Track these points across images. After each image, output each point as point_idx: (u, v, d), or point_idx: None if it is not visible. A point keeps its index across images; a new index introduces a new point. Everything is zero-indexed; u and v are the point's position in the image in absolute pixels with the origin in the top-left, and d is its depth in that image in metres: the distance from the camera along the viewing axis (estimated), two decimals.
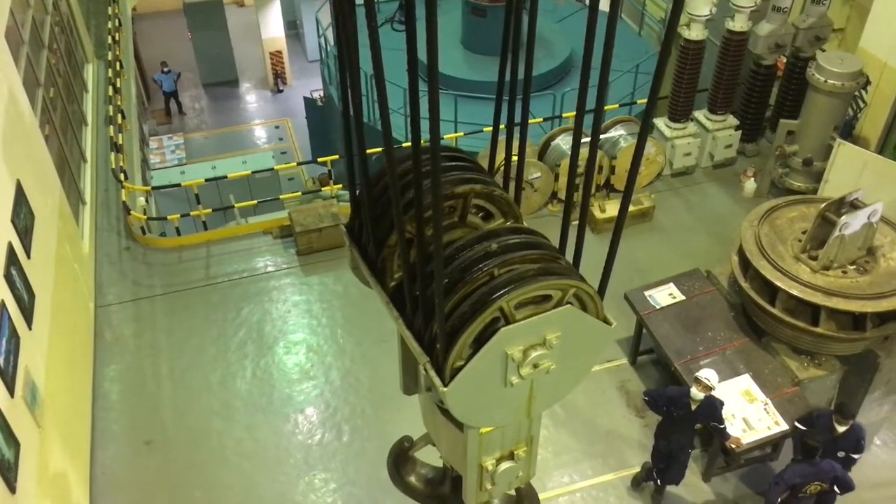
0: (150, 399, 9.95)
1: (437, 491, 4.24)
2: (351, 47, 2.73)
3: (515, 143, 3.63)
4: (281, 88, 24.31)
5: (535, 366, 3.03)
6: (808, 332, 8.41)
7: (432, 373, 3.00)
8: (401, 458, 4.27)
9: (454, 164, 3.32)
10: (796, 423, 8.15)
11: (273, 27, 23.90)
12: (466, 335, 2.88)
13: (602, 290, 3.30)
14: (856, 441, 7.75)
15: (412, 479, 4.26)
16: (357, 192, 3.34)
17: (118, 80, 15.08)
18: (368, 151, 3.12)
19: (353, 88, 2.89)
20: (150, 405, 9.87)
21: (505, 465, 3.61)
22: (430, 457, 4.24)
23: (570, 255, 3.35)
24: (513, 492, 4.07)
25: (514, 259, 2.97)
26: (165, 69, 22.01)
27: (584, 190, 3.30)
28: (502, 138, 3.71)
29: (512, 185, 3.70)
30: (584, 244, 3.33)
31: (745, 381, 8.66)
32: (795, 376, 8.68)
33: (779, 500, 7.55)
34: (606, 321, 3.22)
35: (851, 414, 7.76)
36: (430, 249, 2.84)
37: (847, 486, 7.49)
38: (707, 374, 7.77)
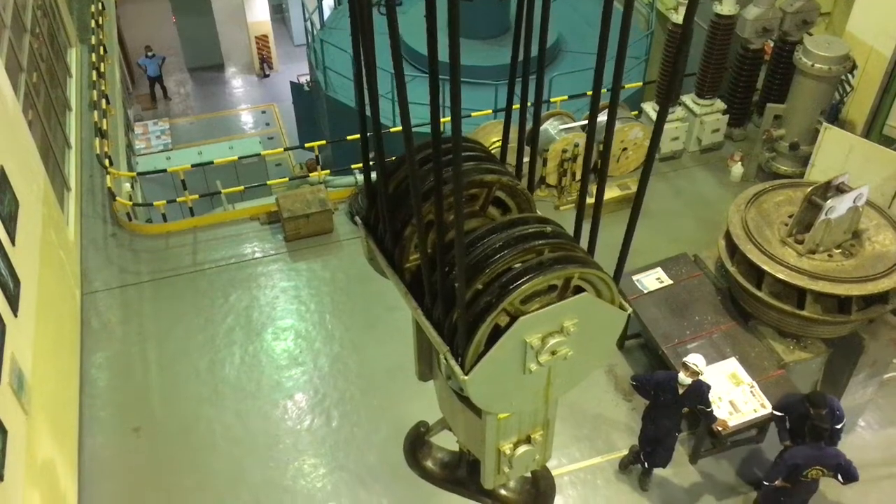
0: (138, 386, 9.92)
1: (454, 474, 4.34)
2: (367, 36, 2.72)
3: (522, 124, 3.65)
4: (267, 73, 24.14)
5: (553, 353, 3.08)
6: (794, 316, 8.47)
7: (453, 362, 3.03)
8: (417, 443, 4.33)
9: (475, 153, 3.34)
10: (773, 412, 8.20)
11: (258, 11, 23.69)
12: (487, 324, 2.91)
13: (617, 277, 3.36)
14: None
15: (429, 463, 4.35)
16: (374, 181, 3.34)
17: (102, 64, 14.91)
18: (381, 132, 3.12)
19: (370, 84, 2.88)
20: (138, 392, 9.84)
21: (522, 448, 3.68)
22: (446, 441, 4.29)
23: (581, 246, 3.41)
24: (529, 473, 4.14)
25: (532, 248, 3.00)
26: (150, 53, 21.79)
27: (600, 180, 3.36)
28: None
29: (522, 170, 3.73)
30: (598, 232, 3.38)
31: (732, 365, 8.73)
32: (781, 359, 8.76)
33: (777, 480, 7.58)
34: (622, 307, 3.28)
35: (825, 401, 7.77)
36: (451, 237, 2.85)
37: (851, 476, 7.38)
38: (695, 360, 7.82)
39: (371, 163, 3.28)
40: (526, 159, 3.78)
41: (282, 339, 10.55)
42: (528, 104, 3.50)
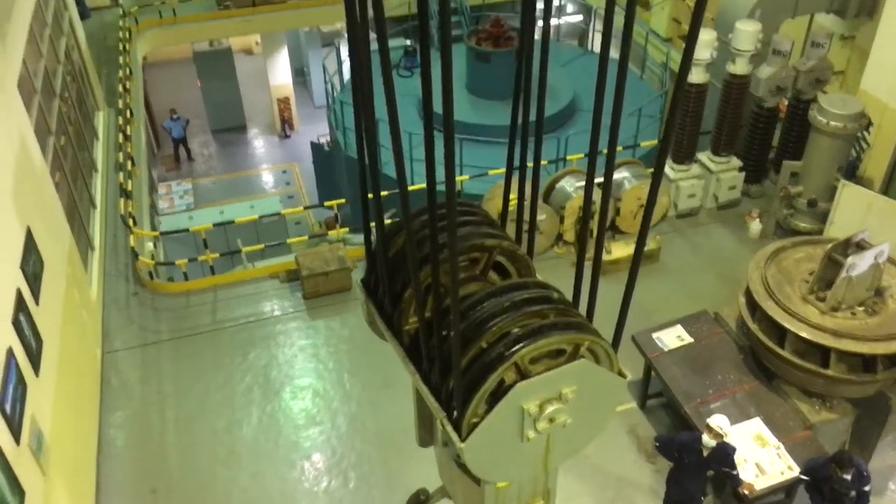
0: (156, 446, 9.88)
1: None
2: (369, 114, 2.78)
3: (523, 187, 3.67)
4: (288, 134, 24.62)
5: (552, 420, 3.04)
6: (819, 375, 8.33)
7: (449, 428, 3.00)
8: None
9: (472, 217, 3.37)
10: (800, 475, 8.01)
11: (281, 74, 24.31)
12: (483, 390, 2.88)
13: (616, 342, 3.31)
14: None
15: None
16: (373, 246, 3.37)
17: (128, 127, 15.29)
18: (382, 194, 3.16)
19: (371, 159, 2.94)
20: (155, 452, 9.80)
21: None
22: None
23: (583, 301, 3.36)
24: None
25: (529, 314, 2.99)
26: (175, 116, 22.34)
27: (598, 239, 3.35)
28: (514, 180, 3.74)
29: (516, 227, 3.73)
30: (597, 293, 3.35)
31: (757, 425, 8.56)
32: (807, 420, 8.58)
33: None
34: (621, 374, 3.23)
35: (851, 462, 7.59)
36: (447, 303, 2.86)
37: None
38: (719, 421, 7.69)
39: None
40: (541, 216, 3.80)
41: (299, 399, 10.50)
42: (545, 163, 3.54)
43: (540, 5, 3.26)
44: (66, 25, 15.08)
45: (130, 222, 12.73)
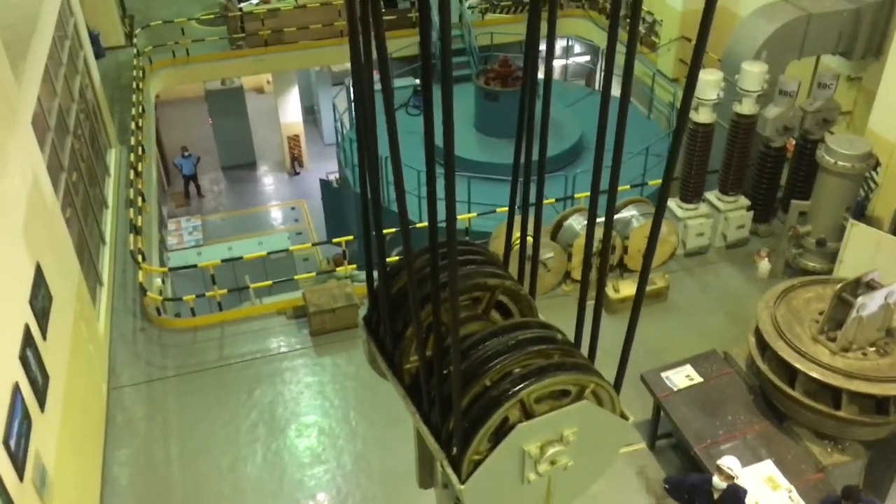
0: (160, 484, 9.78)
1: None
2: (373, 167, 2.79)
3: (530, 225, 3.68)
4: (298, 171, 24.83)
5: (553, 462, 2.99)
6: (831, 416, 8.22)
7: (449, 469, 2.96)
8: None
9: (474, 256, 3.36)
10: None
11: (291, 112, 24.61)
12: (483, 432, 2.85)
13: (618, 384, 3.27)
14: None
15: None
16: (375, 285, 3.37)
17: (140, 164, 15.45)
18: (385, 231, 3.17)
19: (374, 193, 2.95)
20: (159, 490, 9.70)
21: None
22: None
23: (585, 335, 3.33)
24: None
25: (531, 353, 2.97)
26: (186, 153, 22.59)
27: (600, 278, 3.33)
28: (517, 218, 3.75)
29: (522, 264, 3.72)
30: (599, 332, 3.33)
31: (768, 467, 8.43)
32: (819, 462, 8.45)
33: None
34: (623, 416, 3.19)
35: (860, 497, 7.47)
36: (447, 343, 2.84)
37: None
38: (729, 463, 7.58)
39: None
40: (549, 254, 3.80)
41: (305, 436, 10.41)
42: (552, 201, 3.55)
43: (543, 46, 3.29)
44: (80, 64, 15.34)
45: (139, 258, 12.79)
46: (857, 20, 13.15)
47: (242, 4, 21.61)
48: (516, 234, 3.63)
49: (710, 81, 12.09)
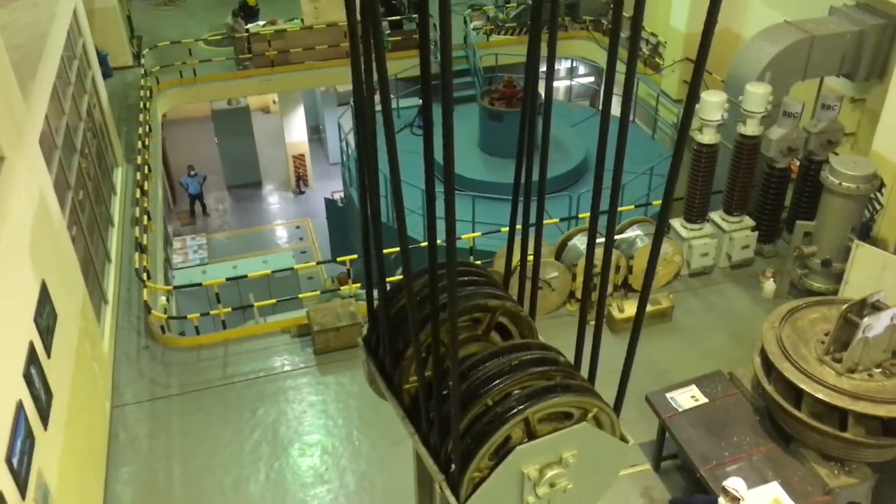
0: (162, 503, 9.74)
1: None
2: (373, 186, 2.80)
3: (525, 246, 3.68)
4: (303, 190, 24.93)
5: (552, 485, 2.97)
6: (837, 438, 8.16)
7: (447, 491, 2.94)
8: None
9: (475, 277, 3.37)
10: None
11: (296, 132, 24.77)
12: (482, 454, 2.83)
13: (618, 406, 3.26)
14: None
15: None
16: (374, 306, 3.37)
17: (146, 182, 15.54)
18: (385, 251, 3.17)
19: (374, 216, 2.96)
20: None
21: None
22: None
23: (585, 354, 3.32)
24: None
25: (530, 375, 2.96)
26: (192, 173, 22.70)
27: (599, 299, 3.33)
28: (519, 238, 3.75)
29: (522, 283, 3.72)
30: (600, 353, 3.32)
31: (774, 489, 8.35)
32: (826, 484, 8.37)
33: None
34: (624, 439, 3.17)
35: None
36: (446, 365, 2.84)
37: None
38: (735, 484, 7.52)
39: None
40: (553, 273, 3.81)
41: (308, 456, 10.37)
42: (556, 221, 3.55)
43: (543, 67, 3.31)
44: (88, 84, 15.48)
45: (145, 276, 12.82)
46: (860, 42, 13.21)
47: (249, 26, 21.80)
48: (518, 255, 3.64)
49: (713, 103, 12.14)
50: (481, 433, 2.86)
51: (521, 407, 2.86)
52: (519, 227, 3.68)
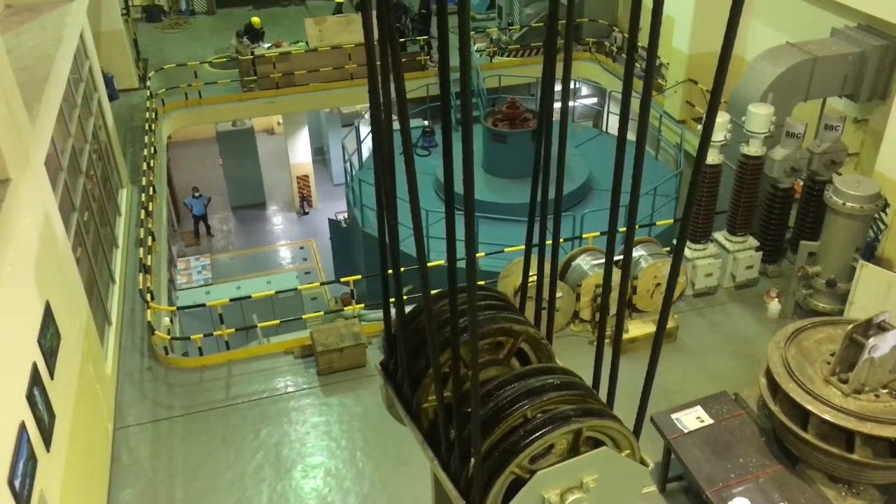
0: None
1: None
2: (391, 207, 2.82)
3: (535, 264, 3.68)
4: (307, 210, 24.99)
5: None
6: (844, 459, 8.09)
7: None
8: None
9: (497, 301, 3.37)
10: None
11: (301, 153, 24.87)
12: (504, 478, 2.83)
13: (637, 430, 3.25)
14: None
15: None
16: (392, 330, 3.37)
17: (150, 204, 15.60)
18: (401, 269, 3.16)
19: (392, 242, 2.97)
20: None
21: None
22: None
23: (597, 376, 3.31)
24: None
25: (551, 399, 2.96)
26: (196, 194, 22.79)
27: (617, 322, 3.33)
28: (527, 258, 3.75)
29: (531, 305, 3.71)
30: (618, 376, 3.31)
31: None
32: None
33: None
34: (643, 462, 3.16)
35: None
36: (466, 388, 2.83)
37: None
38: None
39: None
40: (558, 294, 3.81)
41: (311, 478, 10.30)
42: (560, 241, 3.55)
43: (558, 87, 3.34)
44: (94, 106, 15.59)
45: (148, 297, 12.82)
46: (862, 63, 13.27)
47: (254, 48, 21.99)
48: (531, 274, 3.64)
49: (717, 123, 12.16)
50: (503, 456, 2.85)
51: (545, 430, 2.86)
52: (536, 243, 3.69)
